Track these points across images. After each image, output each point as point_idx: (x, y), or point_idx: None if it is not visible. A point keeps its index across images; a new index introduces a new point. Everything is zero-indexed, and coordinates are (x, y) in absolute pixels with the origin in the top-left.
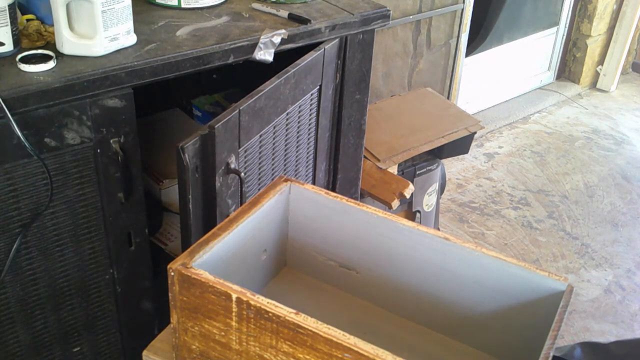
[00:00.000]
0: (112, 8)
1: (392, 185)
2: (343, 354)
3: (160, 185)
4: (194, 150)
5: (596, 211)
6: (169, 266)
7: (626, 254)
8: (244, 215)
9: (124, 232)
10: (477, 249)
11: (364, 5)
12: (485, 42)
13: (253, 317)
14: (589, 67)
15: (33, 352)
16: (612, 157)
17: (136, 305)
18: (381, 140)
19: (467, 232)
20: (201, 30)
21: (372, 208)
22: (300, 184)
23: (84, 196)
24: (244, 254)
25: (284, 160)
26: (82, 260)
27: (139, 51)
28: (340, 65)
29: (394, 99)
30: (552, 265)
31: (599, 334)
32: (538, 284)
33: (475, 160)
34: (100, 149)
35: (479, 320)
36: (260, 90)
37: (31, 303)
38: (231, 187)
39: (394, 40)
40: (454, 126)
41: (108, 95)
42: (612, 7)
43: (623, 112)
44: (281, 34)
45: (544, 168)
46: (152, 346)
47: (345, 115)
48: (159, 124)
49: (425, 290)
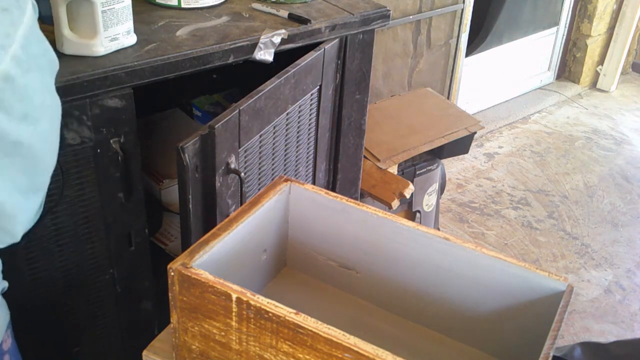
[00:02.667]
0: (112, 8)
1: (392, 185)
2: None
3: (160, 185)
4: (194, 150)
5: (596, 211)
6: (169, 266)
7: (626, 254)
8: (244, 215)
9: (124, 232)
10: (477, 249)
11: (364, 5)
12: (485, 42)
13: (253, 317)
14: (589, 67)
15: (33, 352)
16: (612, 157)
17: (136, 305)
18: (381, 140)
19: (467, 232)
20: (201, 30)
21: (372, 208)
22: (300, 184)
23: (84, 196)
24: (244, 254)
25: (284, 160)
26: (82, 260)
27: (139, 51)
28: (340, 65)
29: (394, 99)
30: (552, 265)
31: (599, 334)
32: (538, 284)
33: (475, 160)
34: (100, 149)
35: (479, 320)
36: (260, 90)
37: (31, 303)
38: (231, 187)
39: (394, 40)
40: (454, 126)
41: (108, 95)
42: (612, 7)
43: (623, 112)
44: (281, 34)
45: (544, 168)
46: (152, 346)
47: (345, 115)
48: (159, 124)
49: (425, 290)
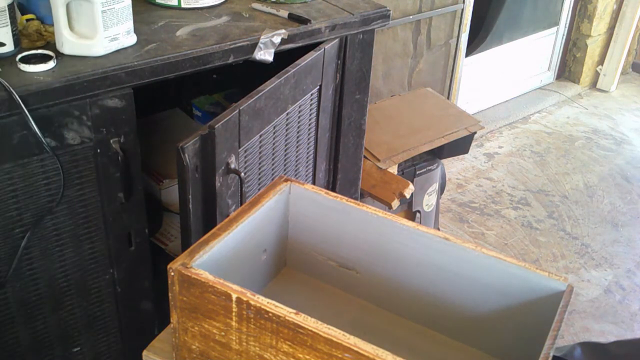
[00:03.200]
0: (112, 8)
1: (392, 185)
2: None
3: (160, 185)
4: (194, 150)
5: (596, 211)
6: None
7: (626, 254)
8: (244, 215)
9: (124, 232)
10: (477, 249)
11: (364, 5)
12: (485, 42)
13: (253, 317)
14: (589, 67)
15: (33, 352)
16: (612, 157)
17: (136, 305)
18: (381, 140)
19: (467, 232)
20: (201, 30)
21: (372, 208)
22: (300, 184)
23: (84, 196)
24: (244, 254)
25: (284, 160)
26: (82, 260)
27: (139, 51)
28: (340, 65)
29: (394, 99)
30: (552, 265)
31: (599, 334)
32: (538, 284)
33: (475, 160)
34: (100, 149)
35: (479, 320)
36: (260, 90)
37: (31, 303)
38: (231, 187)
39: (394, 40)
40: (454, 126)
41: (108, 95)
42: (612, 7)
43: (623, 112)
44: (281, 34)
45: (544, 168)
46: (152, 346)
47: (345, 115)
48: (159, 124)
49: (425, 290)
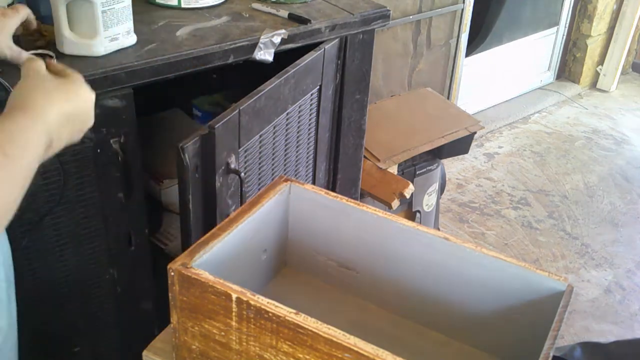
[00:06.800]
0: (112, 8)
1: (392, 185)
2: (343, 354)
3: (160, 185)
4: (194, 150)
5: (596, 211)
6: (169, 266)
7: (626, 254)
8: (244, 215)
9: (124, 232)
10: (477, 249)
11: (364, 5)
12: (485, 42)
13: (253, 317)
14: (589, 67)
15: (33, 352)
16: (612, 157)
17: (136, 305)
18: (381, 140)
19: (467, 232)
20: (201, 30)
21: (372, 208)
22: (300, 184)
23: (84, 196)
24: (244, 254)
25: (284, 160)
26: (82, 260)
27: (139, 51)
28: (340, 65)
29: (394, 99)
30: (552, 265)
31: (599, 334)
32: (538, 284)
33: (475, 160)
34: (100, 149)
35: (479, 320)
36: (260, 90)
37: (31, 303)
38: (231, 187)
39: (394, 40)
40: (454, 126)
41: (108, 95)
42: (612, 7)
43: (623, 112)
44: (281, 34)
45: (544, 168)
46: (152, 346)
47: (345, 115)
48: (159, 124)
49: (425, 290)
